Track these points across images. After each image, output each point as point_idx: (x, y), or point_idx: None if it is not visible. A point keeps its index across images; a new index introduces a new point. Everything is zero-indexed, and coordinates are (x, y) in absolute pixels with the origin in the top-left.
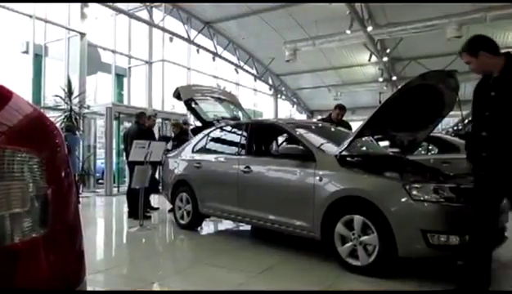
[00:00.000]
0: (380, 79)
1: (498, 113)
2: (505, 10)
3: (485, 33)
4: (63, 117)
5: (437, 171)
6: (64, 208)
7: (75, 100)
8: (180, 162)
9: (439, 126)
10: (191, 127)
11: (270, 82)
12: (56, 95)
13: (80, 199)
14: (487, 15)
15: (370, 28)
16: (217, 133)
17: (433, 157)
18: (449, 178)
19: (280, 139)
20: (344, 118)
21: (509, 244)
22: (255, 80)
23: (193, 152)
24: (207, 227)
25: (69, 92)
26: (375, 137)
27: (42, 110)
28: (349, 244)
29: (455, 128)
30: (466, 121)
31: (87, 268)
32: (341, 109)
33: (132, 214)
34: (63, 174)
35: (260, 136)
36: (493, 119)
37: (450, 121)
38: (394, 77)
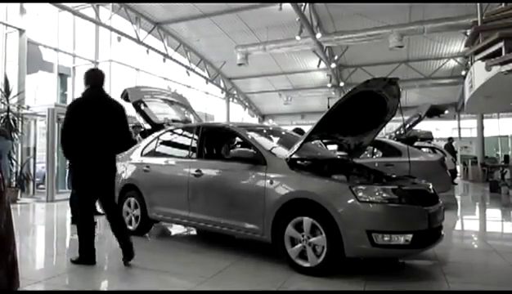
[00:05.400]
0: (329, 85)
1: None
2: (441, 22)
3: (423, 44)
4: None
5: (380, 174)
6: None
7: (13, 100)
8: (128, 165)
9: (383, 130)
10: (140, 130)
11: (222, 85)
12: None
13: (18, 206)
14: (425, 26)
15: (318, 36)
16: (167, 136)
17: (377, 160)
18: (391, 180)
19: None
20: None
21: (445, 242)
22: (207, 83)
23: (142, 155)
24: (156, 232)
25: (7, 91)
26: (324, 141)
27: None
28: (299, 246)
29: (397, 133)
30: (407, 126)
31: (25, 278)
32: None
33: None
34: None
35: (211, 140)
36: None
37: (393, 126)
38: (342, 84)
